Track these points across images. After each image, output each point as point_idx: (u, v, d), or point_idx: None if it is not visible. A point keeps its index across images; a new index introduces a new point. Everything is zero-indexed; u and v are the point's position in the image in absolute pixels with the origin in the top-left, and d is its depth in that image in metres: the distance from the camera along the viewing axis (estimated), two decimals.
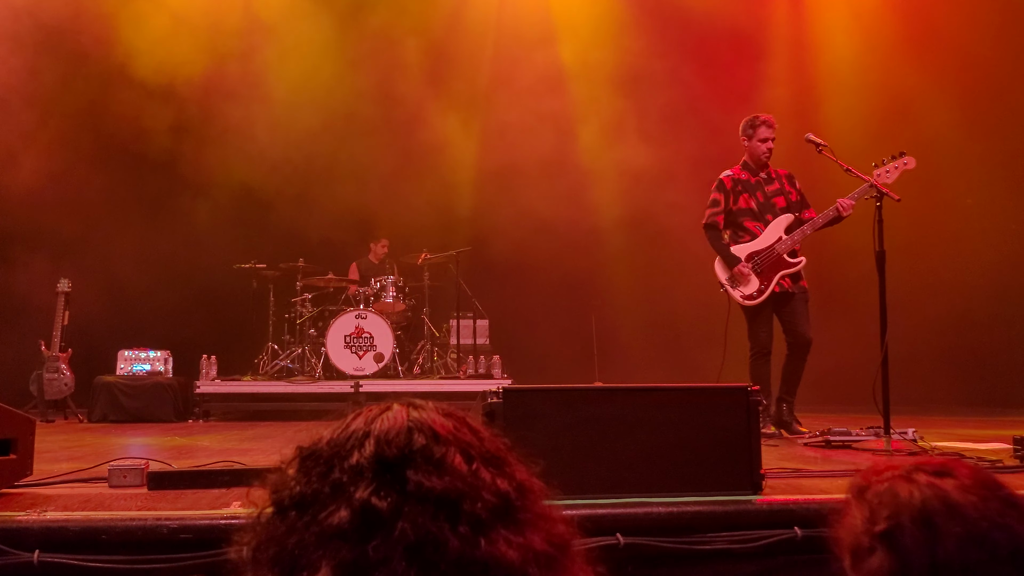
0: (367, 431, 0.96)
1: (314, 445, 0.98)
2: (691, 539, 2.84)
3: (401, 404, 1.00)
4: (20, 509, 2.76)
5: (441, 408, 1.01)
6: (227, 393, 8.39)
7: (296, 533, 0.91)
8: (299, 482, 0.95)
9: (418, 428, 0.95)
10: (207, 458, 4.44)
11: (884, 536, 1.20)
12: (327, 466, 0.94)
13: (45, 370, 8.01)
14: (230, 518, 2.69)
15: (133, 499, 3.00)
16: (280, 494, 0.96)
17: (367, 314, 8.57)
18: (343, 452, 0.94)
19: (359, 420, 0.99)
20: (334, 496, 0.91)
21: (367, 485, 0.90)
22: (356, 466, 0.92)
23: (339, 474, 0.92)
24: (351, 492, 0.90)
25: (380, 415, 0.98)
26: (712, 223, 5.93)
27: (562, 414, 2.95)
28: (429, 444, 0.94)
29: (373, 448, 0.94)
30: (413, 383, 8.61)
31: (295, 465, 0.98)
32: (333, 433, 0.98)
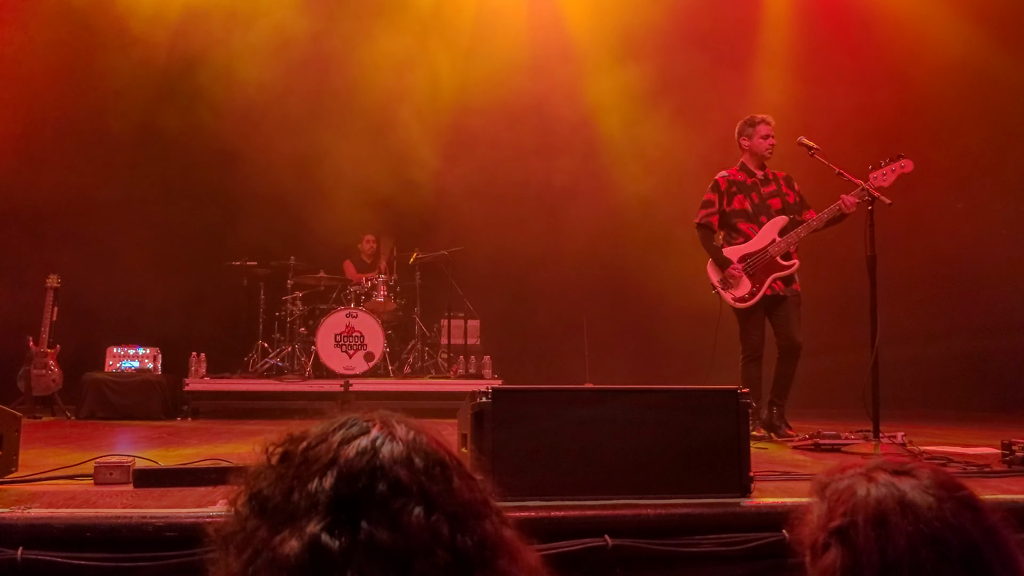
0: (334, 457, 0.93)
1: (296, 443, 0.97)
2: (680, 541, 2.83)
3: (381, 427, 0.96)
4: (4, 505, 2.74)
5: (419, 443, 0.96)
6: (216, 391, 8.36)
7: (253, 544, 0.90)
8: (270, 483, 0.94)
9: (382, 472, 0.92)
10: (194, 456, 4.43)
11: (838, 532, 1.20)
12: (292, 481, 0.92)
13: (33, 366, 7.95)
14: (216, 516, 2.66)
15: (119, 496, 2.98)
16: (252, 485, 0.95)
17: (358, 313, 8.55)
18: (307, 472, 0.92)
19: (336, 435, 0.96)
20: (289, 520, 0.90)
21: (320, 519, 0.88)
22: (313, 495, 0.90)
23: (297, 496, 0.91)
24: (303, 523, 0.89)
25: (353, 439, 0.95)
26: (706, 223, 5.93)
27: (552, 415, 2.94)
28: (389, 494, 0.91)
29: (332, 481, 0.91)
30: (403, 383, 8.60)
31: (277, 457, 0.97)
32: (313, 439, 0.96)
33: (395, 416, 1.00)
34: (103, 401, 7.96)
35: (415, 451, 0.95)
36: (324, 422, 0.99)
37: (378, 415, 1.00)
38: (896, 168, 5.35)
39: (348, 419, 0.99)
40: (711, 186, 5.99)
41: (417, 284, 9.33)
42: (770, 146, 5.86)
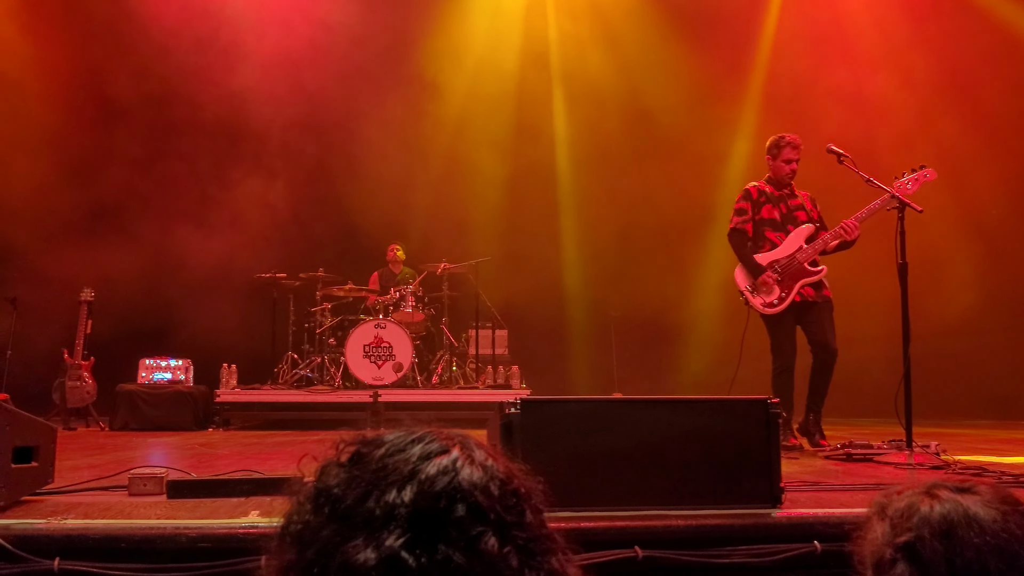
0: (415, 471, 0.93)
1: (371, 447, 0.97)
2: (710, 552, 2.81)
3: (461, 449, 0.96)
4: (41, 516, 2.78)
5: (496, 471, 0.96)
6: (247, 402, 8.44)
7: (318, 543, 0.91)
8: (340, 483, 0.94)
9: (463, 496, 0.92)
10: (226, 467, 4.46)
11: (905, 548, 1.25)
12: (367, 486, 0.92)
13: (67, 378, 8.07)
14: (249, 527, 2.69)
15: (153, 507, 3.01)
16: (321, 481, 0.95)
17: (386, 324, 8.59)
18: (384, 481, 0.92)
19: (415, 448, 0.95)
20: (364, 527, 0.90)
21: (400, 534, 0.88)
22: (391, 506, 0.90)
23: (373, 504, 0.91)
24: (382, 534, 0.89)
25: (436, 455, 0.95)
26: (740, 229, 5.90)
27: (580, 425, 2.94)
28: (468, 520, 0.91)
29: (412, 496, 0.91)
30: (432, 393, 8.62)
31: (348, 454, 0.97)
32: (390, 447, 0.96)
33: (471, 438, 1.00)
34: (136, 412, 8.05)
35: (492, 478, 0.95)
36: (399, 431, 0.99)
37: (456, 435, 1.00)
38: (920, 177, 5.32)
39: (425, 433, 0.99)
40: (742, 195, 5.98)
41: (445, 295, 9.35)
42: (791, 171, 5.86)
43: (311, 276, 9.03)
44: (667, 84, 10.09)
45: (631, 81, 10.11)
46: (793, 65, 10.04)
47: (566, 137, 10.46)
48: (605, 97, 10.20)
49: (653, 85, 10.08)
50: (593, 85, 10.29)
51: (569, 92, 10.55)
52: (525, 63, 10.68)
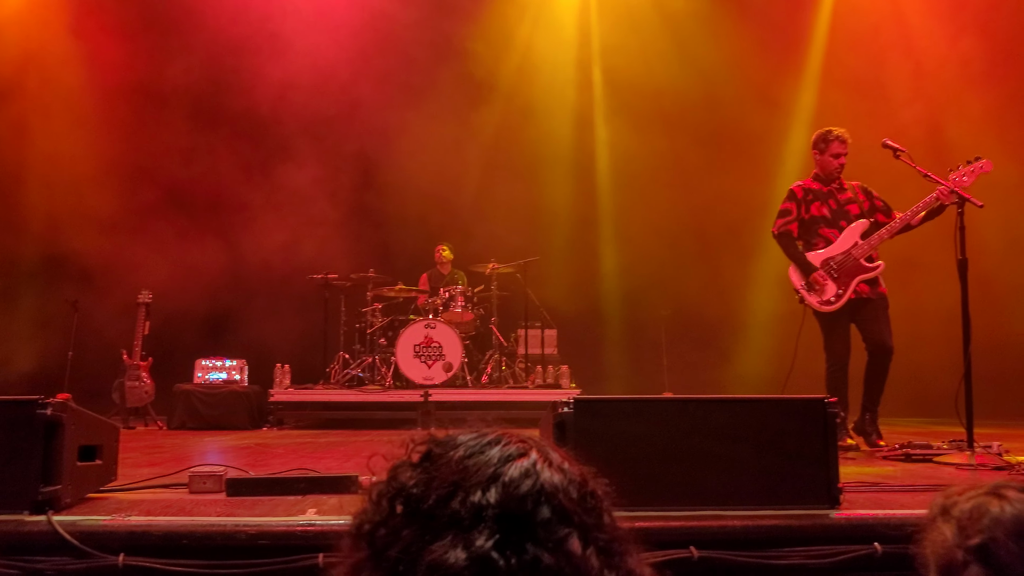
0: (497, 473, 0.94)
1: (445, 447, 0.98)
2: (767, 553, 2.78)
3: (538, 453, 0.97)
4: (106, 513, 2.85)
5: (573, 474, 0.98)
6: (300, 401, 8.55)
7: (400, 542, 0.92)
8: (418, 483, 0.95)
9: (547, 498, 0.94)
10: (281, 465, 4.53)
11: (979, 550, 1.24)
12: (448, 488, 0.94)
13: (127, 378, 8.27)
14: (307, 525, 2.73)
15: (212, 505, 3.07)
16: (397, 481, 0.96)
17: (436, 324, 8.63)
18: (467, 482, 0.93)
19: (493, 451, 0.97)
20: (449, 527, 0.91)
21: (489, 535, 0.90)
22: (477, 507, 0.91)
23: (458, 505, 0.92)
24: (471, 535, 0.90)
25: (515, 458, 0.96)
26: (784, 232, 5.83)
27: (634, 425, 2.93)
28: (553, 521, 0.92)
29: (498, 498, 0.92)
30: (482, 392, 8.64)
31: (420, 454, 0.98)
32: (466, 449, 0.97)
33: (546, 443, 1.01)
34: (193, 412, 8.21)
35: (570, 481, 0.97)
36: (471, 433, 1.00)
37: (529, 437, 1.01)
38: (976, 169, 5.20)
39: (499, 435, 1.00)
40: (787, 196, 5.91)
41: (494, 295, 9.37)
42: (839, 166, 5.76)
43: (362, 277, 9.12)
44: (717, 79, 9.98)
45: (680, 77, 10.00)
46: (849, 60, 9.88)
47: (614, 134, 10.40)
48: (652, 94, 10.11)
49: (702, 80, 9.96)
50: (641, 81, 10.19)
51: (615, 89, 10.48)
52: (571, 60, 10.67)
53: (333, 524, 2.76)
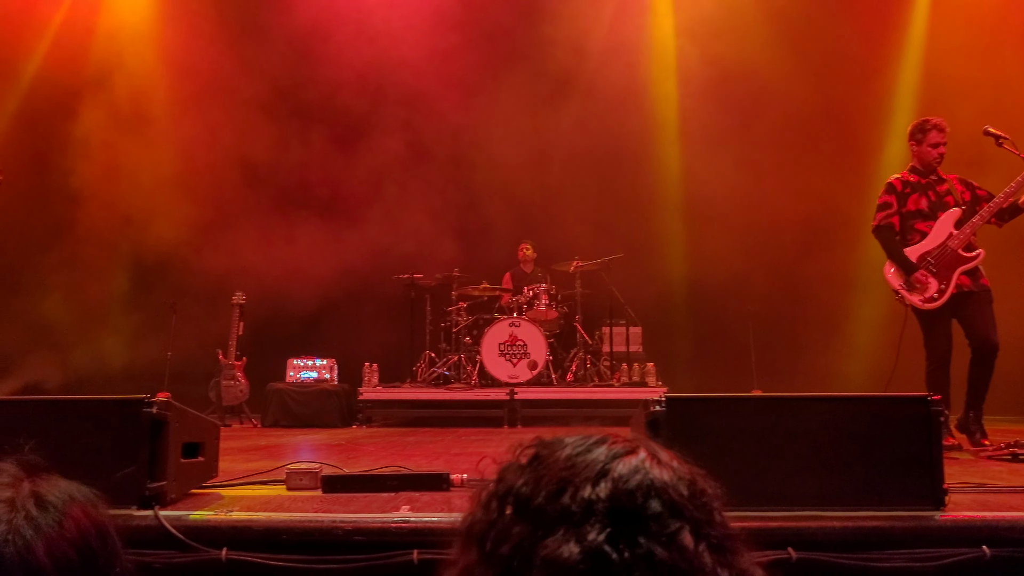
0: (606, 469, 0.94)
1: (552, 448, 0.99)
2: (868, 556, 2.70)
3: (646, 451, 0.98)
4: (209, 509, 2.94)
5: (682, 471, 0.98)
6: (388, 400, 8.68)
7: (511, 540, 0.92)
8: (527, 482, 0.96)
9: (657, 493, 0.94)
10: (372, 463, 4.60)
11: None
12: (558, 484, 0.94)
13: (222, 377, 8.54)
14: (401, 522, 2.77)
15: (309, 501, 3.13)
16: (506, 483, 0.97)
17: (521, 322, 8.66)
18: (577, 479, 0.94)
19: (600, 449, 0.97)
20: (560, 522, 0.91)
21: (601, 529, 0.90)
22: (588, 502, 0.92)
23: (568, 501, 0.92)
24: (583, 529, 0.90)
25: (623, 456, 0.97)
26: (886, 225, 5.64)
27: (729, 423, 2.87)
28: (664, 515, 0.92)
29: (609, 492, 0.93)
30: (567, 390, 8.63)
31: (527, 456, 0.99)
32: (573, 449, 0.98)
33: (653, 442, 1.01)
34: (285, 410, 8.42)
35: (680, 478, 0.97)
36: (576, 435, 1.01)
37: (636, 437, 1.01)
38: None
39: (606, 436, 1.01)
40: (885, 189, 5.71)
41: (578, 292, 9.35)
42: (939, 155, 5.54)
43: (447, 276, 9.21)
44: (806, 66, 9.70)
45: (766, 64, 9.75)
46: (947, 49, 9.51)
47: (698, 125, 10.23)
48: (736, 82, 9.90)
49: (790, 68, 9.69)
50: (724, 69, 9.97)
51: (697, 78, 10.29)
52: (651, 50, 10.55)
53: (426, 521, 2.79)
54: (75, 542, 1.03)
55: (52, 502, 1.04)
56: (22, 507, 1.01)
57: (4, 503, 1.01)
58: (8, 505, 1.00)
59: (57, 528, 1.02)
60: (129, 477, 2.86)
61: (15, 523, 0.99)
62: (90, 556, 1.05)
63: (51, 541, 1.00)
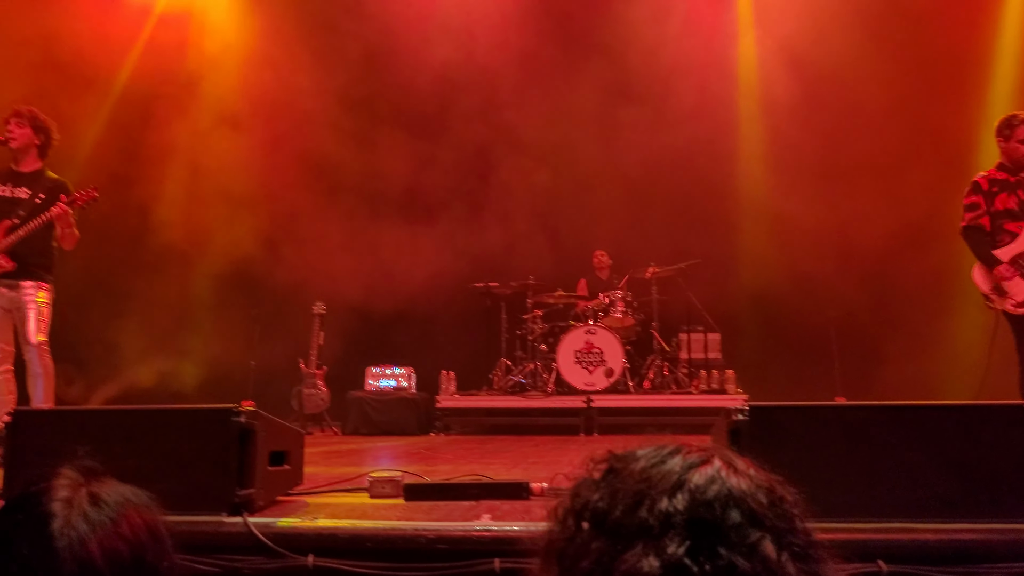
0: (681, 480, 0.93)
1: (625, 461, 0.98)
2: (964, 569, 2.60)
3: (722, 460, 0.97)
4: (296, 516, 2.99)
5: (760, 479, 0.96)
6: (465, 408, 8.74)
7: (590, 555, 0.92)
8: (602, 497, 0.95)
9: (736, 503, 0.92)
10: (451, 471, 4.63)
11: None
12: (634, 497, 0.94)
13: (304, 386, 8.73)
14: (483, 531, 2.78)
15: (392, 509, 3.17)
16: (582, 498, 0.97)
17: (596, 329, 8.63)
18: (653, 491, 0.93)
19: (675, 459, 0.97)
20: (638, 536, 0.91)
21: (680, 542, 0.89)
22: (666, 514, 0.91)
23: (646, 514, 0.91)
24: (662, 543, 0.89)
25: (698, 465, 0.96)
26: (975, 226, 5.45)
27: (815, 432, 2.80)
28: (744, 525, 0.91)
29: (686, 503, 0.91)
30: (645, 398, 8.56)
31: (601, 471, 0.99)
32: (647, 461, 0.97)
33: (729, 451, 1.00)
34: (365, 418, 8.56)
35: (758, 487, 0.95)
36: (648, 446, 1.00)
37: (710, 446, 1.00)
38: None
39: (680, 445, 1.00)
40: (971, 188, 5.52)
41: (654, 299, 9.27)
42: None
43: (522, 284, 9.24)
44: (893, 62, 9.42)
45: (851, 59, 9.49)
46: None
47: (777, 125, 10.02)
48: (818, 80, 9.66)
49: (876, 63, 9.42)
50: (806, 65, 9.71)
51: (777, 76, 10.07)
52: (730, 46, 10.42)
53: (508, 530, 2.80)
54: (127, 539, 1.08)
55: (107, 502, 1.10)
56: (78, 505, 1.08)
57: (62, 501, 1.08)
58: (65, 503, 1.07)
59: (111, 525, 1.08)
60: (219, 484, 2.93)
61: (71, 519, 1.05)
62: (140, 553, 1.10)
63: (104, 537, 1.06)
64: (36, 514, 1.06)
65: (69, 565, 1.02)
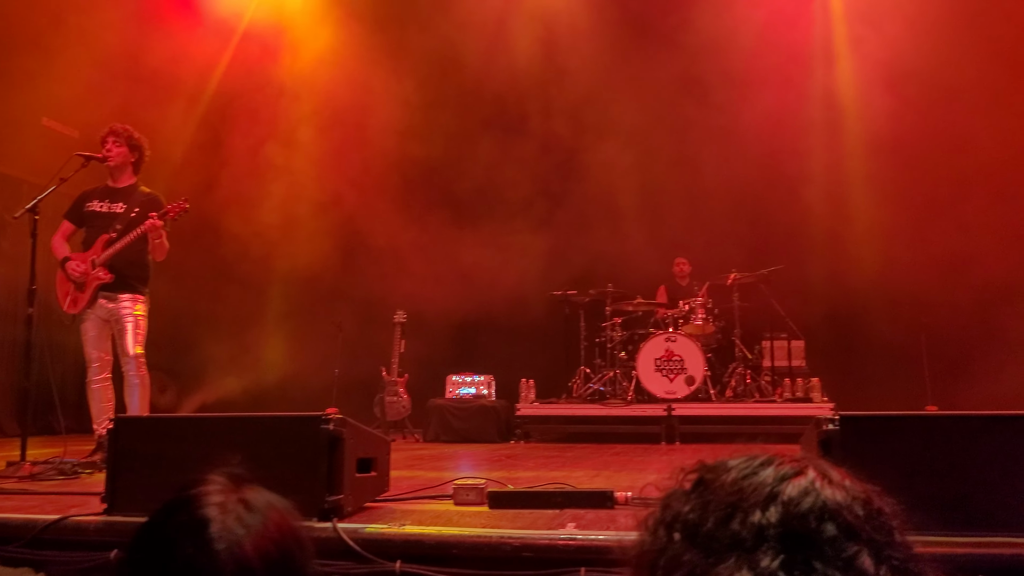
0: (774, 492, 0.92)
1: (716, 472, 0.98)
2: None
3: (816, 471, 0.95)
4: (383, 522, 3.05)
5: (856, 490, 0.94)
6: (545, 415, 8.74)
7: (683, 568, 0.91)
8: (693, 508, 0.95)
9: (831, 515, 0.90)
10: (532, 478, 4.65)
11: None
12: (726, 510, 0.93)
13: (386, 393, 8.87)
14: (568, 539, 2.78)
15: (476, 517, 3.20)
16: (672, 509, 0.97)
17: (676, 337, 8.54)
18: (745, 503, 0.92)
19: (767, 470, 0.95)
20: (731, 549, 0.90)
21: (774, 555, 0.87)
22: (759, 527, 0.89)
23: (738, 527, 0.91)
24: (755, 556, 0.88)
25: (792, 477, 0.94)
26: None
27: (908, 442, 2.73)
28: (840, 538, 0.89)
29: (780, 516, 0.90)
30: (727, 406, 8.43)
31: (691, 481, 0.99)
32: (738, 472, 0.97)
33: (821, 460, 0.98)
34: (446, 425, 8.64)
35: (854, 499, 0.93)
36: (740, 456, 0.99)
37: (804, 456, 0.99)
38: None
39: (772, 456, 0.98)
40: None
41: (736, 306, 9.12)
42: None
43: (601, 292, 9.20)
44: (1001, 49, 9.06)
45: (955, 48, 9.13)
46: None
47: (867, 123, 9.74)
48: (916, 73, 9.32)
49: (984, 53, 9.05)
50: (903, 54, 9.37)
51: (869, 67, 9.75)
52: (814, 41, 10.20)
53: (593, 539, 2.79)
54: (277, 541, 1.14)
55: (257, 506, 1.16)
56: (232, 509, 1.13)
57: (216, 506, 1.13)
58: (220, 508, 1.13)
59: (261, 528, 1.13)
60: (309, 490, 3.00)
61: (227, 523, 1.11)
62: (289, 555, 1.15)
63: (257, 539, 1.11)
64: (194, 518, 1.11)
65: (229, 566, 1.08)
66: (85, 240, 5.86)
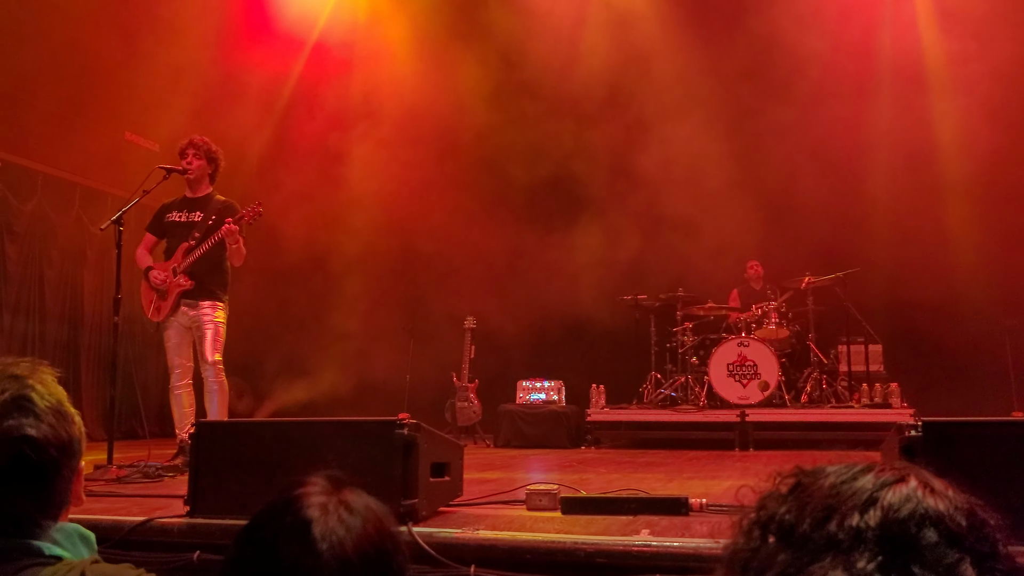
0: (874, 497, 0.91)
1: (814, 477, 0.97)
2: None
3: (918, 479, 0.93)
4: (457, 526, 3.07)
5: (958, 501, 0.92)
6: (615, 421, 8.69)
7: (775, 567, 0.91)
8: (790, 510, 0.95)
9: (932, 522, 0.89)
10: (603, 484, 4.63)
11: None
12: (824, 512, 0.92)
13: (457, 399, 8.94)
14: (643, 546, 2.76)
15: (549, 522, 3.20)
16: (768, 511, 0.96)
17: (749, 342, 8.41)
18: (844, 506, 0.91)
19: (867, 477, 0.95)
20: (827, 550, 0.89)
21: (871, 558, 0.86)
22: (857, 530, 0.88)
23: (835, 528, 0.90)
24: (851, 557, 0.88)
25: (892, 484, 0.93)
26: None
27: (994, 450, 2.64)
28: (942, 544, 0.87)
29: (879, 520, 0.88)
30: (802, 412, 8.26)
31: (788, 485, 0.98)
32: (837, 477, 0.96)
33: (923, 469, 0.97)
34: (516, 430, 8.65)
35: (956, 508, 0.92)
36: (840, 463, 0.99)
37: (908, 465, 0.97)
38: None
39: (871, 463, 0.98)
40: None
41: (810, 309, 8.94)
42: None
43: (671, 296, 9.12)
44: None
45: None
46: None
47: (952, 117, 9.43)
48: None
49: None
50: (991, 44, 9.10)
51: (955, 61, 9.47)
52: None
53: (668, 546, 2.77)
54: (376, 543, 1.17)
55: (357, 508, 1.18)
56: (334, 511, 1.16)
57: (318, 507, 1.16)
58: (322, 509, 1.15)
59: (361, 529, 1.15)
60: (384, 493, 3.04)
61: (329, 524, 1.14)
62: (387, 557, 1.18)
63: (357, 540, 1.14)
64: (298, 519, 1.14)
65: (331, 565, 1.11)
66: (167, 250, 6.06)
